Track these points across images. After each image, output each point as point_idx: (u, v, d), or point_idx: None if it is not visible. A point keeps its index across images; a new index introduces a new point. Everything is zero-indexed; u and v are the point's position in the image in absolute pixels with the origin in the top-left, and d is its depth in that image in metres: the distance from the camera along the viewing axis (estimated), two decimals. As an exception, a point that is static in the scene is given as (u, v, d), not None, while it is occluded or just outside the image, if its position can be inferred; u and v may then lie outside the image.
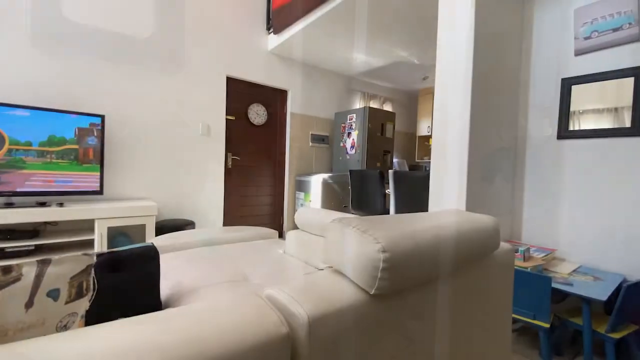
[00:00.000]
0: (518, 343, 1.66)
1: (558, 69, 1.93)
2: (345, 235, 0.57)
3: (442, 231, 0.68)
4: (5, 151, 2.03)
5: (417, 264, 0.57)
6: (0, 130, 2.01)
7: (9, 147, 2.03)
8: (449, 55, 1.78)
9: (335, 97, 4.39)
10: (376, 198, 2.56)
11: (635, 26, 1.65)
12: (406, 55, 3.70)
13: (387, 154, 4.14)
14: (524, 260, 1.58)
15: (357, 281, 0.53)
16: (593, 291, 1.35)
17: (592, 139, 1.78)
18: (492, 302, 0.92)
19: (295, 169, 3.94)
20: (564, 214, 1.87)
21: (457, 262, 0.73)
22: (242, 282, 1.19)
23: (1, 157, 2.01)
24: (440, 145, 1.82)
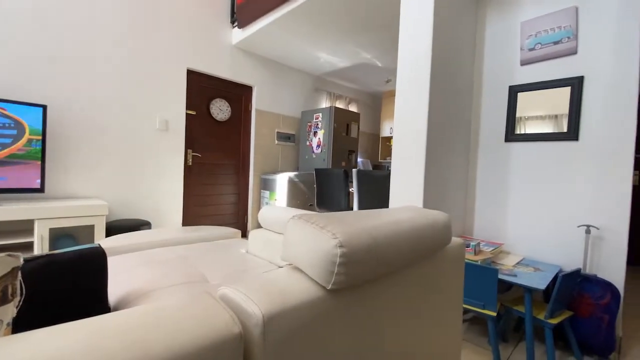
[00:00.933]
0: (470, 332, 1.77)
1: (506, 77, 2.09)
2: (304, 231, 0.57)
3: (398, 226, 0.70)
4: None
5: (373, 258, 0.58)
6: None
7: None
8: (409, 61, 1.85)
9: (301, 95, 4.38)
10: (340, 196, 2.60)
11: (574, 40, 1.82)
12: (370, 58, 3.79)
13: (352, 154, 4.21)
14: (475, 254, 1.69)
15: (314, 277, 0.53)
16: (534, 281, 1.48)
17: (535, 142, 1.95)
18: (444, 294, 0.97)
19: (261, 167, 3.87)
20: (510, 211, 2.03)
21: (412, 256, 0.75)
22: (200, 283, 1.14)
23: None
24: (401, 146, 1.88)
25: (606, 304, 1.52)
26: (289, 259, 0.59)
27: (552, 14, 1.88)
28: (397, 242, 0.67)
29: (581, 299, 1.58)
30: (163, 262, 1.36)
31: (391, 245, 0.65)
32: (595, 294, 1.55)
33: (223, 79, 3.52)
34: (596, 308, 1.53)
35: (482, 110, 2.19)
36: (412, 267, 0.81)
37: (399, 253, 0.68)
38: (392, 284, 0.71)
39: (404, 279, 0.78)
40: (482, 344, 1.64)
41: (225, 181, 3.66)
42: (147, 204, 2.93)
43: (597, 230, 1.70)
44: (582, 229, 1.74)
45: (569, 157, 1.82)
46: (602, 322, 1.51)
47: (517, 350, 1.60)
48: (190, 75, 3.23)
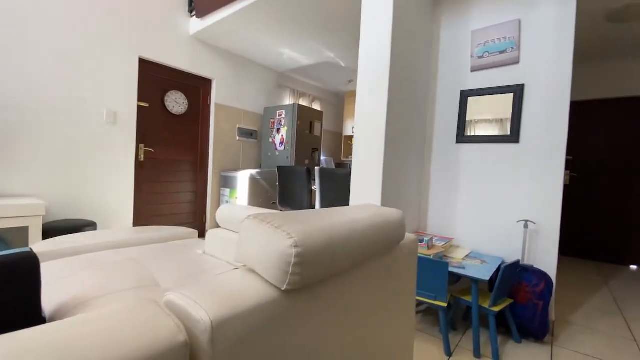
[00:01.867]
0: (423, 322, 1.87)
1: (458, 82, 2.22)
2: (259, 231, 0.55)
3: (354, 225, 0.72)
4: None
5: (329, 257, 0.59)
6: None
7: None
8: (369, 63, 1.89)
9: (264, 91, 4.29)
10: (303, 194, 2.59)
11: (516, 51, 1.99)
12: (333, 57, 3.83)
13: (315, 152, 4.23)
14: (428, 249, 1.79)
15: (268, 278, 0.52)
16: (480, 273, 1.60)
17: (482, 143, 2.10)
18: (399, 288, 1.01)
19: (221, 163, 3.74)
20: (459, 207, 2.17)
21: (368, 253, 0.77)
22: (150, 288, 1.07)
23: None
24: (361, 146, 1.92)
25: (541, 291, 1.69)
26: (243, 260, 0.57)
27: (499, 25, 2.03)
28: (353, 240, 0.69)
29: (520, 287, 1.74)
30: (109, 266, 1.26)
31: (347, 243, 0.66)
32: (531, 283, 1.72)
33: (180, 70, 3.34)
34: (532, 295, 1.69)
35: (436, 113, 2.31)
36: (368, 264, 0.83)
37: (355, 251, 0.69)
38: (348, 280, 0.72)
39: (360, 275, 0.79)
40: (434, 333, 1.74)
41: (182, 178, 3.49)
42: (92, 203, 2.69)
43: (534, 224, 1.88)
44: (521, 223, 1.92)
45: (511, 158, 1.98)
46: (537, 308, 1.68)
47: (465, 337, 1.72)
48: (143, 64, 3.02)
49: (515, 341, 1.70)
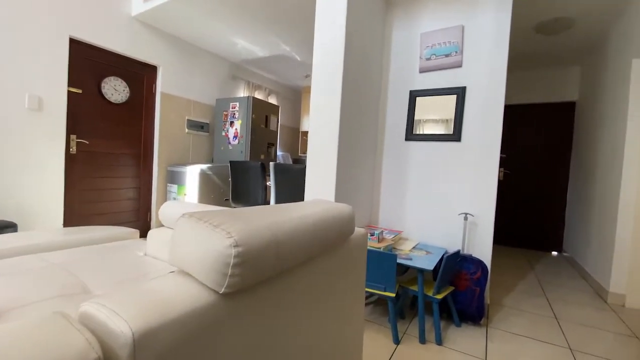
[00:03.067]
0: (374, 313, 1.94)
1: (408, 82, 2.31)
2: (195, 231, 0.51)
3: (302, 221, 0.70)
4: None
5: (273, 255, 0.56)
6: None
7: None
8: (324, 60, 1.88)
9: (217, 82, 4.09)
10: (257, 190, 2.53)
11: (459, 55, 2.12)
12: (289, 51, 3.77)
13: (272, 147, 4.15)
14: (379, 242, 1.85)
15: (204, 281, 0.49)
16: (425, 263, 1.70)
17: (429, 141, 2.22)
18: (348, 282, 1.02)
19: (167, 157, 3.50)
20: (408, 202, 2.28)
21: (317, 249, 0.77)
22: (75, 297, 0.96)
23: None
24: (315, 141, 1.92)
25: (478, 278, 1.84)
26: (177, 263, 0.53)
27: (444, 30, 2.15)
28: (301, 237, 0.67)
29: (460, 275, 1.87)
30: (29, 272, 1.11)
31: (294, 240, 0.64)
32: (470, 270, 1.86)
33: (119, 55, 3.04)
34: (471, 282, 1.84)
35: (388, 111, 2.39)
36: (317, 260, 0.82)
37: (303, 248, 0.68)
38: (296, 278, 0.71)
39: (309, 271, 0.78)
40: (384, 323, 1.81)
41: (123, 173, 3.20)
42: (11, 201, 2.35)
43: (473, 217, 2.04)
44: (461, 216, 2.07)
45: (453, 155, 2.12)
46: (475, 294, 1.82)
47: (412, 324, 1.82)
48: (75, 45, 2.69)
49: (455, 325, 1.84)
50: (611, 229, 2.39)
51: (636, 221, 2.23)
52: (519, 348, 1.62)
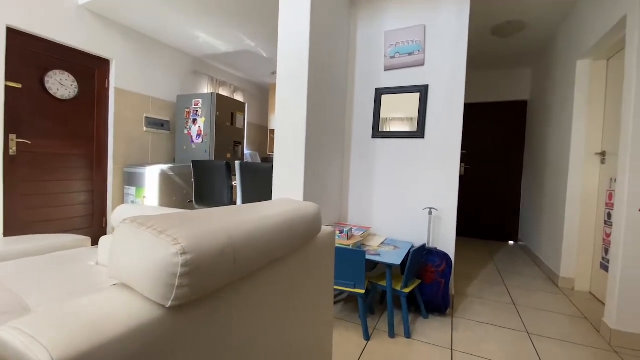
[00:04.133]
0: (345, 310, 1.94)
1: (373, 80, 2.33)
2: (137, 239, 0.46)
3: (264, 222, 0.66)
4: None
5: (230, 261, 0.52)
6: None
7: None
8: (289, 57, 1.84)
9: (177, 77, 3.89)
10: (223, 191, 2.43)
11: (422, 54, 2.17)
12: (254, 46, 3.67)
13: (238, 145, 4.03)
14: (348, 239, 1.85)
15: (149, 295, 0.44)
16: (392, 258, 1.72)
17: (394, 138, 2.26)
18: (316, 281, 1.00)
19: (124, 158, 3.27)
20: (375, 198, 2.30)
21: (281, 251, 0.73)
22: (11, 315, 0.85)
23: None
24: (282, 139, 1.87)
25: (443, 270, 1.90)
26: (117, 275, 0.47)
27: (408, 29, 2.19)
28: (262, 239, 0.63)
29: (426, 268, 1.92)
30: (-51, 292, 0.97)
31: (255, 243, 0.60)
32: (435, 263, 1.92)
33: (65, 46, 2.78)
34: (436, 275, 1.90)
35: (355, 108, 2.40)
36: (282, 261, 0.79)
37: (265, 250, 0.64)
38: (258, 282, 0.67)
39: (273, 274, 0.75)
40: (354, 320, 1.82)
41: (74, 176, 2.94)
42: None
43: (437, 211, 2.10)
44: (426, 211, 2.12)
45: (418, 152, 2.18)
46: (440, 286, 1.88)
47: (382, 319, 1.84)
48: (13, 35, 2.42)
49: (423, 317, 1.89)
50: (560, 219, 2.58)
51: (582, 211, 2.43)
52: (482, 335, 1.70)
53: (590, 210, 2.40)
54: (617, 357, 1.53)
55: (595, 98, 2.39)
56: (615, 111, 2.19)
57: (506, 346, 1.60)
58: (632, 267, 1.62)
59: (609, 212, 2.18)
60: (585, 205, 2.42)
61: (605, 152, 2.31)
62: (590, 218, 2.40)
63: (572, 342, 1.66)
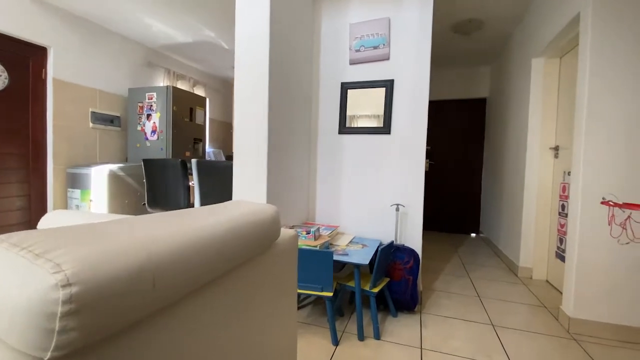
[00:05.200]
0: (313, 314, 1.85)
1: (339, 74, 2.26)
2: (6, 265, 0.33)
3: (202, 232, 0.55)
4: None
5: (145, 287, 0.41)
6: None
7: None
8: (248, 51, 1.71)
9: (129, 69, 3.57)
10: (178, 192, 2.24)
11: (387, 47, 2.12)
12: (214, 37, 3.46)
13: (199, 142, 3.79)
14: (315, 240, 1.76)
15: (17, 345, 0.31)
16: (361, 257, 1.66)
17: (361, 134, 2.20)
18: (276, 289, 0.90)
19: (66, 158, 2.94)
20: (343, 196, 2.24)
21: (227, 265, 0.62)
22: None
23: None
24: (242, 136, 1.74)
25: (411, 267, 1.87)
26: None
27: (372, 21, 2.13)
28: (199, 254, 0.52)
29: (394, 265, 1.89)
30: None
31: (187, 260, 0.49)
32: (403, 260, 1.89)
33: (-12, 30, 2.42)
34: (404, 272, 1.87)
35: (320, 104, 2.31)
36: (231, 275, 0.68)
37: (202, 267, 0.53)
38: (199, 304, 0.55)
39: (219, 291, 0.63)
40: (323, 323, 1.74)
41: (6, 178, 2.58)
42: None
43: (404, 207, 2.08)
44: (394, 207, 2.09)
45: (384, 148, 2.14)
46: (409, 283, 1.86)
47: (351, 321, 1.78)
48: None
49: (392, 316, 1.85)
50: (518, 211, 2.69)
51: (538, 203, 2.54)
52: (450, 330, 1.69)
53: (545, 202, 2.52)
54: (575, 344, 1.59)
55: (548, 95, 2.50)
56: (567, 107, 2.30)
57: (473, 340, 1.60)
58: (587, 258, 1.69)
59: (563, 204, 2.28)
60: (540, 197, 2.53)
61: (558, 147, 2.42)
62: (546, 210, 2.52)
63: (534, 331, 1.70)
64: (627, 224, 1.61)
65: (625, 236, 1.61)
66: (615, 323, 1.63)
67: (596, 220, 1.67)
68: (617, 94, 1.63)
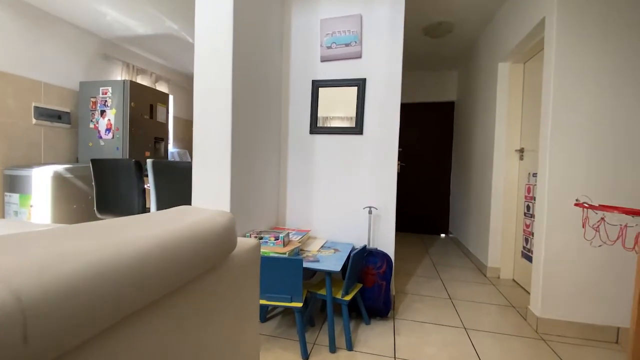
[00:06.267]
0: (281, 325, 1.73)
1: (310, 72, 2.16)
2: None
3: (114, 255, 0.42)
4: None
5: (10, 342, 0.28)
6: None
7: None
8: (209, 43, 1.57)
9: (81, 61, 3.26)
10: (132, 195, 2.03)
11: (359, 45, 2.06)
12: (177, 30, 3.24)
13: (161, 142, 3.54)
14: (284, 246, 1.65)
15: None
16: (332, 264, 1.57)
17: (333, 135, 2.12)
18: (234, 305, 0.78)
19: (4, 157, 2.60)
20: (315, 198, 2.14)
21: (160, 289, 0.50)
22: None
23: None
24: (202, 134, 1.59)
25: (384, 271, 1.81)
26: None
27: (344, 18, 2.06)
28: (107, 281, 0.40)
29: (367, 270, 1.82)
30: None
31: (88, 291, 0.36)
32: (376, 265, 1.82)
33: None
34: (377, 277, 1.80)
35: (290, 103, 2.20)
36: (173, 296, 0.55)
37: (113, 301, 0.40)
38: (131, 331, 0.43)
39: (159, 314, 0.51)
40: (292, 335, 1.63)
41: None
42: None
43: (377, 210, 2.02)
44: (366, 210, 2.03)
45: (357, 149, 2.07)
46: (382, 288, 1.79)
47: (322, 332, 1.68)
48: None
49: (365, 323, 1.78)
50: (486, 212, 2.74)
51: (505, 204, 2.59)
52: (423, 337, 1.65)
53: (511, 203, 2.58)
54: (544, 344, 1.60)
55: (514, 99, 2.56)
56: (531, 111, 2.36)
57: (446, 346, 1.56)
58: (554, 259, 1.72)
59: (528, 205, 2.34)
60: (507, 198, 2.59)
61: (523, 149, 2.49)
62: (512, 210, 2.58)
63: (505, 333, 1.70)
64: (599, 227, 1.63)
65: (599, 239, 1.63)
66: (581, 322, 1.67)
67: (562, 222, 1.70)
68: (581, 97, 1.68)
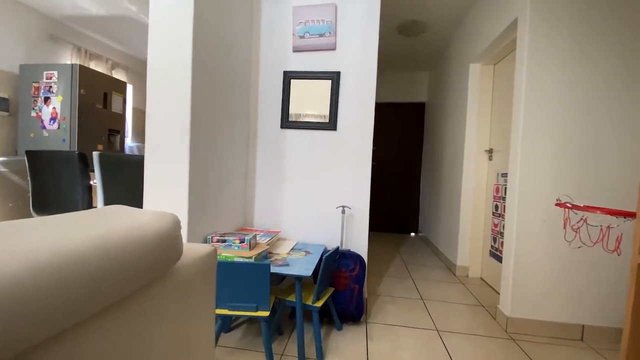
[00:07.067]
0: (247, 335, 1.60)
1: (281, 62, 2.03)
2: None
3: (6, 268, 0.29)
4: None
5: None
6: None
7: None
8: (165, 29, 1.39)
9: (22, 41, 2.88)
10: (74, 192, 1.78)
11: (333, 36, 1.96)
12: (136, 12, 2.96)
13: (116, 134, 3.23)
14: (250, 249, 1.51)
15: None
16: (303, 268, 1.45)
17: (305, 130, 2.00)
18: (184, 318, 0.65)
19: None
20: (285, 197, 2.02)
21: (79, 315, 0.36)
22: None
23: None
24: (157, 125, 1.42)
25: (356, 274, 1.73)
26: None
27: (318, 6, 1.95)
28: None
29: (339, 273, 1.73)
30: None
31: None
32: (349, 267, 1.74)
33: None
34: (350, 280, 1.72)
35: (260, 94, 2.06)
36: (102, 316, 0.42)
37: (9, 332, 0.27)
38: None
39: (87, 334, 0.37)
40: (259, 346, 1.50)
41: None
42: None
43: (350, 209, 1.93)
44: (339, 209, 1.94)
45: (330, 145, 1.97)
46: (354, 292, 1.71)
47: (291, 341, 1.57)
48: None
49: (337, 329, 1.69)
50: (456, 212, 2.76)
51: (474, 204, 2.62)
52: (396, 341, 1.59)
53: (480, 203, 2.61)
54: (513, 344, 1.60)
55: (484, 100, 2.60)
56: (501, 112, 2.40)
57: (419, 350, 1.51)
58: (523, 259, 1.73)
59: (497, 204, 2.38)
60: (476, 198, 2.62)
61: (492, 149, 2.52)
62: (480, 210, 2.61)
63: (476, 334, 1.68)
64: (580, 229, 1.64)
65: (579, 240, 1.65)
66: (549, 320, 1.69)
67: (532, 222, 1.72)
68: (552, 98, 1.69)
